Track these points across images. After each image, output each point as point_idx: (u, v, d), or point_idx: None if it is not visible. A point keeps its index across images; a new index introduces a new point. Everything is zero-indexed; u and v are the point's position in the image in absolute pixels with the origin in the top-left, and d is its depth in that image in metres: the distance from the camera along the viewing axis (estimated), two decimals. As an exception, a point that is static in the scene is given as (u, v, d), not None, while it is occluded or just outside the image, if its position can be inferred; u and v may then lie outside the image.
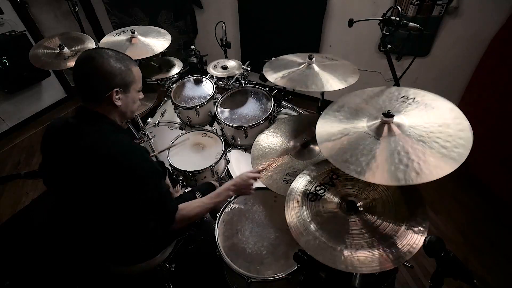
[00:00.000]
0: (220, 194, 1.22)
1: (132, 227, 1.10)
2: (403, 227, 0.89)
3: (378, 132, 0.94)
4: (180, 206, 1.08)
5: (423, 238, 0.83)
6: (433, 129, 0.89)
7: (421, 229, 0.87)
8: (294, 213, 1.00)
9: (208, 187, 1.53)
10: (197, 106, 1.87)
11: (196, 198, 1.39)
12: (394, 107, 1.00)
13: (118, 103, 1.01)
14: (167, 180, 1.53)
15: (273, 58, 1.65)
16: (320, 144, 0.99)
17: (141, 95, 1.12)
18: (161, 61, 2.18)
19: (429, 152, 0.83)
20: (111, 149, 0.96)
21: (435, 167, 0.79)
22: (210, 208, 1.18)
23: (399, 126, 0.93)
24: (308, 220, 0.97)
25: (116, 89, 0.99)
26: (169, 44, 1.89)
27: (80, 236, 1.20)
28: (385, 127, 0.93)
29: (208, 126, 2.05)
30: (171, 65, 2.16)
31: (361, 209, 0.99)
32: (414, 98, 1.02)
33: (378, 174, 0.82)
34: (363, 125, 0.99)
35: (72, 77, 1.00)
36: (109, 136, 0.99)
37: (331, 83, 1.34)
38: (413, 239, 0.85)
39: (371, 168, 0.84)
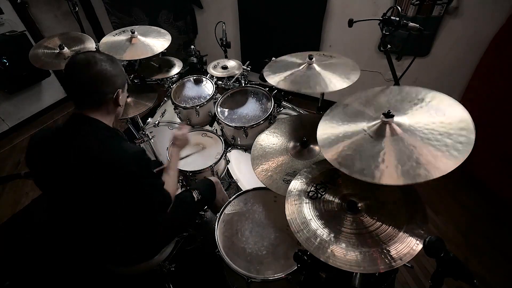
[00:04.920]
0: (173, 158, 1.34)
1: (138, 219, 1.13)
2: (403, 229, 0.89)
3: (379, 133, 0.93)
4: (167, 189, 1.14)
5: (422, 241, 0.83)
6: (434, 126, 0.88)
7: (421, 231, 0.87)
8: (295, 210, 1.00)
9: (205, 183, 1.55)
10: (197, 106, 1.87)
11: (193, 196, 1.44)
12: (400, 107, 0.99)
13: (122, 102, 1.05)
14: None
15: (273, 58, 1.65)
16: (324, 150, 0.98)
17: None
18: (161, 61, 2.17)
19: (432, 149, 0.83)
20: (115, 155, 0.97)
21: (441, 163, 0.78)
22: (177, 171, 1.32)
23: (399, 125, 0.93)
24: (308, 218, 0.97)
25: (119, 89, 1.02)
26: (169, 44, 1.89)
27: (80, 236, 1.20)
28: (387, 127, 0.93)
29: (208, 126, 2.05)
30: (171, 65, 2.15)
31: (361, 209, 0.99)
32: (429, 101, 0.99)
33: (388, 175, 0.82)
34: (363, 126, 0.99)
35: (71, 85, 0.99)
36: (110, 142, 0.99)
37: (334, 82, 1.33)
38: (413, 241, 0.85)
39: (380, 169, 0.83)
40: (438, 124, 0.89)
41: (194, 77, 2.11)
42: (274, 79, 1.42)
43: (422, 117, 0.93)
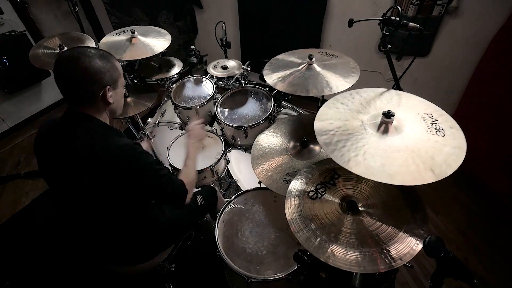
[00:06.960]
0: (190, 149, 1.32)
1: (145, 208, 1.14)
2: (403, 229, 0.89)
3: (373, 128, 0.95)
4: (182, 178, 1.13)
5: (422, 241, 0.83)
6: (426, 143, 0.88)
7: (421, 231, 0.87)
8: (295, 210, 1.01)
9: (209, 190, 1.55)
10: (197, 106, 1.87)
11: (197, 201, 1.42)
12: (409, 115, 0.99)
13: (111, 100, 1.01)
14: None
15: (272, 58, 1.65)
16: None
17: (124, 90, 1.14)
18: (161, 61, 2.18)
19: (406, 159, 0.84)
20: (111, 152, 0.95)
21: (402, 174, 0.80)
22: (195, 163, 1.30)
23: (396, 128, 0.93)
24: (308, 218, 0.97)
25: (108, 87, 0.99)
26: (169, 44, 1.89)
27: (81, 235, 1.20)
28: (382, 126, 0.94)
29: (208, 126, 2.05)
30: (171, 65, 2.16)
31: (362, 209, 0.99)
32: (436, 120, 0.96)
33: (354, 163, 0.84)
34: (362, 119, 1.00)
35: (58, 83, 0.95)
36: (105, 139, 0.97)
37: (336, 83, 1.33)
38: (413, 241, 0.86)
39: (349, 155, 0.86)
40: (431, 143, 0.88)
41: (194, 77, 2.10)
42: (280, 86, 1.41)
43: (422, 130, 0.93)
